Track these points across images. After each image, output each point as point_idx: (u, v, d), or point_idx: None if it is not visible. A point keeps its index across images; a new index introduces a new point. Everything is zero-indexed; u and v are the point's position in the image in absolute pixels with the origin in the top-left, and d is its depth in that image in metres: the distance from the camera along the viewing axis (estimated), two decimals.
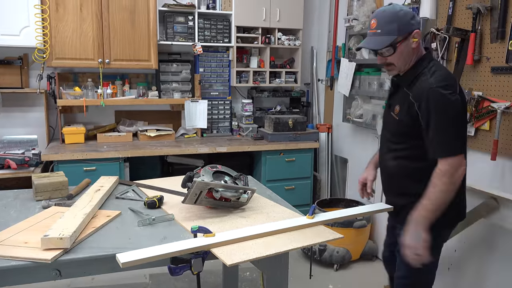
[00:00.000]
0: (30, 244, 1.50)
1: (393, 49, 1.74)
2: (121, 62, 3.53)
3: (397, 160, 1.90)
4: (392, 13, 1.73)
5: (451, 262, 2.86)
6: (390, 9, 1.75)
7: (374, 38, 1.75)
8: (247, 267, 3.20)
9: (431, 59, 1.81)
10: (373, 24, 1.75)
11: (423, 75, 1.75)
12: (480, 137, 2.51)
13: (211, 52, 3.98)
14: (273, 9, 3.95)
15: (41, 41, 3.24)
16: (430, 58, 1.82)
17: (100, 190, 2.05)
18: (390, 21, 1.71)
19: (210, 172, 1.91)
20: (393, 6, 1.77)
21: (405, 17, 1.72)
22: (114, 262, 1.37)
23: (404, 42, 1.73)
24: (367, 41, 1.79)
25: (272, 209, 1.92)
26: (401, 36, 1.73)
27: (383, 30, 1.72)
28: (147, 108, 3.98)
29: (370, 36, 1.78)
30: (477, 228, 2.59)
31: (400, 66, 1.81)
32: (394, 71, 1.84)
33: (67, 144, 3.50)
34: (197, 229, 1.51)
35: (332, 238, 1.62)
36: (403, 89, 1.83)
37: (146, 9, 3.53)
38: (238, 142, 3.77)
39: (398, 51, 1.75)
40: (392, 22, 1.71)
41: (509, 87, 2.32)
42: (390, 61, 1.79)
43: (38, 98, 3.60)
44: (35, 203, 1.98)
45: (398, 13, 1.72)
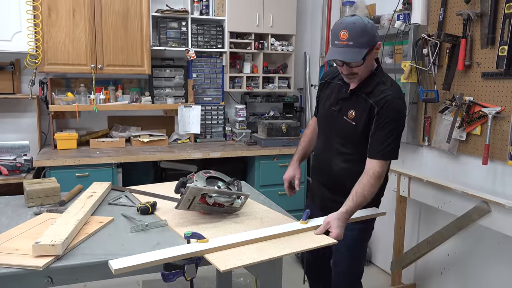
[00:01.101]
0: (22, 251, 1.48)
1: (363, 61, 1.79)
2: (114, 67, 3.53)
3: (347, 163, 1.96)
4: (362, 26, 1.75)
5: (443, 266, 2.87)
6: (359, 21, 1.76)
7: (347, 50, 1.75)
8: (241, 273, 3.19)
9: (382, 70, 1.93)
10: (343, 36, 1.75)
11: (383, 85, 1.86)
12: (472, 141, 2.53)
13: (204, 58, 3.99)
14: (266, 14, 3.97)
15: (33, 47, 3.22)
16: (381, 69, 1.93)
17: (93, 196, 2.03)
18: (361, 34, 1.74)
19: (204, 178, 1.90)
20: (360, 18, 1.79)
21: (372, 30, 1.78)
22: (106, 268, 1.36)
23: (370, 53, 1.80)
24: (341, 53, 1.77)
25: (266, 215, 1.92)
26: (369, 48, 1.78)
27: (355, 43, 1.74)
28: (140, 113, 3.97)
29: (341, 48, 1.76)
30: (469, 232, 2.61)
31: (362, 76, 1.87)
32: (355, 79, 1.88)
33: (59, 150, 3.48)
34: (191, 235, 1.51)
35: (326, 243, 1.62)
36: (362, 96, 1.88)
37: (139, 14, 3.53)
38: (232, 148, 3.77)
39: (365, 62, 1.81)
40: (363, 35, 1.75)
41: (500, 92, 2.35)
42: (356, 71, 1.84)
43: (30, 103, 3.58)
44: (27, 210, 1.96)
45: (367, 26, 1.76)
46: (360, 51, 1.75)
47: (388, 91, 1.83)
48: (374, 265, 3.55)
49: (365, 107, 1.86)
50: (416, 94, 2.86)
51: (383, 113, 1.80)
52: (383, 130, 1.80)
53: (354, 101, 1.91)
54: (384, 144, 1.80)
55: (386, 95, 1.81)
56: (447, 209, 2.60)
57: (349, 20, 1.77)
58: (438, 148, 2.77)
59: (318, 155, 2.13)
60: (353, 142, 1.93)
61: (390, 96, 1.81)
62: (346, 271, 2.10)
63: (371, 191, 1.80)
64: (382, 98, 1.81)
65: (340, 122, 1.94)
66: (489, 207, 2.31)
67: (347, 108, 1.92)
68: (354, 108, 1.90)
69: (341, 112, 1.94)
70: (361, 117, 1.87)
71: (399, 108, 1.82)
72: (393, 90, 1.85)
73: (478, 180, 2.53)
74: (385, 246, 3.39)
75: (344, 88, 1.97)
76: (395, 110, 1.81)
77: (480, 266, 2.59)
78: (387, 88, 1.85)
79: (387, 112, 1.79)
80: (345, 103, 1.94)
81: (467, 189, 2.46)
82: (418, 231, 3.07)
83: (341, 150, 1.96)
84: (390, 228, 3.20)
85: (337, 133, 1.98)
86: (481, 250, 2.58)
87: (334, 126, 1.99)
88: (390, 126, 1.80)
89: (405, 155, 3.13)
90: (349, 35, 1.74)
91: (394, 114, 1.80)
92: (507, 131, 2.28)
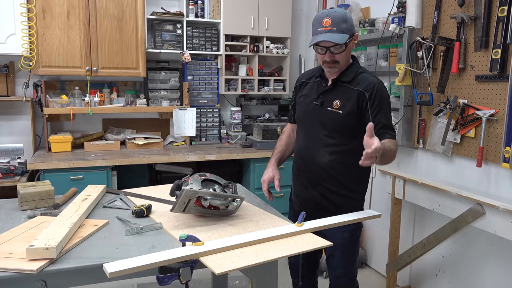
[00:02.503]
0: (15, 254, 1.47)
1: (345, 47, 1.87)
2: (108, 70, 3.52)
3: (334, 155, 1.98)
4: (342, 14, 1.86)
5: (438, 268, 2.88)
6: (339, 10, 1.88)
7: (331, 34, 1.83)
8: (237, 276, 3.18)
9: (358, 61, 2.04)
10: (326, 22, 1.83)
11: (364, 73, 1.98)
12: (466, 144, 2.54)
13: (200, 60, 3.99)
14: (261, 17, 3.98)
15: (27, 49, 3.21)
16: (357, 61, 2.04)
17: (87, 199, 2.02)
18: (342, 20, 1.84)
19: (199, 180, 1.90)
20: (339, 8, 1.91)
21: (351, 20, 1.89)
22: (101, 272, 1.36)
23: (350, 42, 1.90)
24: (327, 36, 1.83)
25: (261, 217, 1.92)
26: (350, 36, 1.87)
27: (338, 28, 1.83)
28: (135, 116, 3.96)
29: (325, 33, 1.84)
30: (463, 234, 2.62)
31: (342, 65, 1.95)
32: (336, 68, 1.95)
33: (53, 152, 3.46)
34: (186, 237, 1.50)
35: (321, 246, 1.62)
36: (344, 85, 1.96)
37: (134, 17, 3.53)
38: (227, 150, 3.77)
39: (347, 49, 1.90)
40: (344, 21, 1.85)
41: (493, 95, 2.37)
42: (337, 59, 1.91)
43: (24, 106, 3.56)
44: (21, 213, 1.95)
45: (346, 14, 1.87)
46: (343, 35, 1.84)
47: (371, 77, 1.95)
48: (370, 267, 3.56)
49: (351, 95, 1.93)
50: (411, 97, 2.88)
51: (375, 97, 1.90)
52: (382, 111, 1.90)
53: (337, 91, 1.98)
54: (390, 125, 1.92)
55: (372, 81, 1.92)
56: (442, 211, 2.61)
57: (329, 10, 1.88)
58: (433, 150, 2.78)
59: (301, 155, 2.11)
60: (339, 131, 1.97)
61: (377, 82, 1.93)
62: (343, 273, 2.12)
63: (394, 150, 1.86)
64: (370, 84, 1.92)
65: (325, 113, 1.98)
66: (483, 209, 2.32)
67: (331, 99, 1.98)
68: (338, 98, 1.96)
69: (325, 104, 1.99)
70: (347, 105, 1.93)
71: (384, 91, 1.95)
72: (375, 76, 1.98)
73: (472, 182, 2.54)
74: (380, 248, 3.40)
75: (323, 82, 2.03)
76: (385, 93, 1.95)
77: (474, 268, 2.60)
78: (369, 75, 1.97)
79: (380, 95, 1.90)
80: (328, 95, 1.99)
81: (461, 191, 2.48)
82: (413, 234, 3.08)
83: (328, 142, 1.98)
84: (385, 231, 3.21)
85: (322, 125, 2.00)
86: (476, 252, 2.59)
87: (318, 119, 2.01)
88: (386, 109, 1.92)
89: (400, 158, 3.14)
90: (332, 21, 1.83)
91: (386, 97, 1.94)
92: (500, 134, 2.30)
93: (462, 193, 2.46)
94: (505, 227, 2.21)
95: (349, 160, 1.92)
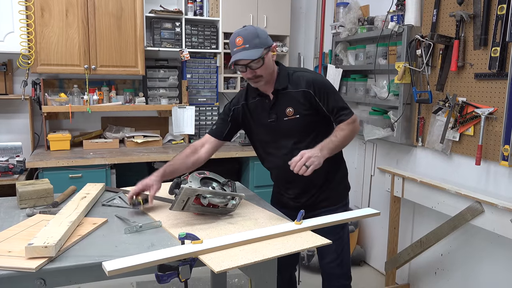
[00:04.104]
0: (14, 253, 1.47)
1: (262, 61, 1.90)
2: (107, 68, 3.51)
3: None
4: (253, 30, 1.91)
5: (437, 266, 2.89)
6: (250, 27, 1.93)
7: (244, 52, 1.88)
8: (236, 274, 3.19)
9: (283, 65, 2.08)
10: (239, 41, 1.89)
11: (296, 72, 2.03)
12: (465, 142, 2.55)
13: (199, 58, 3.98)
14: (260, 15, 3.97)
15: (25, 47, 3.20)
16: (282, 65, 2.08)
17: (86, 197, 2.02)
18: (254, 36, 1.89)
19: (198, 179, 1.90)
20: (250, 25, 1.97)
21: (263, 33, 1.93)
22: (100, 270, 1.35)
23: (267, 54, 1.93)
24: (241, 55, 1.88)
25: (260, 215, 1.92)
26: (265, 49, 1.90)
27: (250, 45, 1.87)
28: (134, 114, 3.95)
29: (240, 52, 1.89)
30: (462, 232, 2.63)
31: (266, 77, 1.95)
32: (261, 82, 1.96)
33: (52, 151, 3.46)
34: (185, 236, 1.50)
35: (320, 244, 1.62)
36: (285, 92, 1.99)
37: (133, 15, 3.52)
38: (226, 148, 3.77)
39: (265, 62, 1.92)
40: (256, 37, 1.89)
41: (492, 93, 2.37)
42: (260, 73, 1.92)
43: (22, 104, 3.55)
44: (19, 211, 1.95)
45: (257, 30, 1.92)
46: (257, 50, 1.87)
47: (304, 74, 2.01)
48: (368, 265, 3.56)
49: (298, 96, 1.97)
50: (410, 95, 2.88)
51: (319, 89, 1.96)
52: (332, 99, 1.97)
53: (283, 100, 2.00)
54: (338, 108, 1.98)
55: (307, 77, 1.98)
56: (441, 209, 2.61)
57: (240, 29, 1.94)
58: (432, 148, 2.79)
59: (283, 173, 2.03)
60: (305, 132, 2.00)
61: (311, 75, 2.00)
62: (340, 275, 2.16)
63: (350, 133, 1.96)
64: (307, 80, 1.97)
65: (284, 125, 2.00)
66: (482, 207, 2.33)
67: (282, 109, 2.00)
68: (289, 105, 1.98)
69: (279, 117, 2.00)
70: (299, 107, 1.97)
71: (322, 80, 2.02)
72: (306, 70, 2.07)
73: (471, 180, 2.54)
74: (379, 246, 3.40)
75: (265, 99, 2.04)
76: (324, 81, 2.03)
77: (473, 266, 2.61)
78: (301, 72, 2.03)
79: (321, 86, 1.97)
80: (276, 107, 2.01)
81: (460, 189, 2.48)
82: (411, 232, 3.08)
83: (300, 147, 1.95)
84: (384, 229, 3.21)
85: (287, 136, 2.01)
86: (474, 250, 2.59)
87: (281, 134, 2.03)
88: (332, 93, 1.99)
89: (399, 156, 3.14)
90: (244, 39, 1.88)
91: (327, 84, 2.01)
92: (499, 132, 2.30)
93: (461, 191, 2.46)
94: (503, 225, 2.22)
95: None
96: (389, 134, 3.01)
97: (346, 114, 1.98)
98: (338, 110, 1.98)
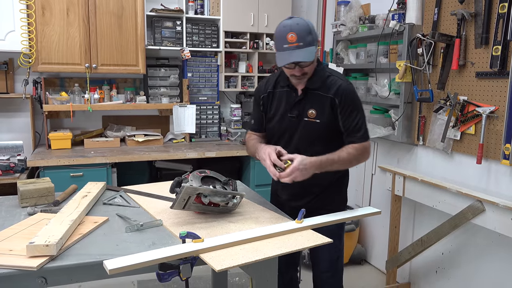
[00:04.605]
0: (15, 251, 1.47)
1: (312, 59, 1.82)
2: (108, 67, 3.51)
3: None
4: (305, 25, 1.77)
5: (438, 265, 2.89)
6: (301, 21, 1.78)
7: (299, 51, 1.76)
8: (237, 272, 3.19)
9: (321, 63, 1.98)
10: (292, 38, 1.75)
11: (331, 76, 1.93)
12: (466, 141, 2.54)
13: (199, 57, 3.98)
14: (261, 14, 3.97)
15: (26, 46, 3.20)
16: (321, 62, 1.97)
17: (87, 196, 2.02)
18: (307, 33, 1.76)
19: (199, 177, 1.90)
20: (299, 18, 1.81)
21: (314, 28, 1.82)
22: (101, 269, 1.36)
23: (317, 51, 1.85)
24: (298, 56, 1.76)
25: (261, 214, 1.92)
26: (316, 45, 1.81)
27: (304, 43, 1.76)
28: (135, 113, 3.95)
29: (292, 50, 1.76)
30: (463, 231, 2.63)
31: (310, 74, 1.89)
32: (305, 79, 1.89)
33: (53, 149, 3.46)
34: (186, 234, 1.50)
35: (321, 243, 1.62)
36: (315, 93, 1.91)
37: (134, 13, 3.52)
38: (227, 147, 3.77)
39: (314, 60, 1.85)
40: (309, 33, 1.77)
41: (494, 92, 2.36)
42: (306, 71, 1.84)
43: (23, 103, 3.55)
44: (21, 210, 1.95)
45: (308, 24, 1.79)
46: (310, 49, 1.78)
47: (339, 80, 1.90)
48: (369, 264, 3.56)
49: (325, 101, 1.89)
50: (411, 94, 2.87)
51: (345, 102, 1.87)
52: (352, 116, 1.88)
53: (310, 99, 1.92)
54: (361, 130, 1.89)
55: (340, 85, 1.89)
56: (442, 208, 2.61)
57: (291, 22, 1.77)
58: (433, 147, 2.78)
59: None
60: (320, 139, 1.93)
61: (344, 85, 1.89)
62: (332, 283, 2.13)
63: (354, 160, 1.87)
64: (338, 88, 1.88)
65: (303, 125, 1.94)
66: (483, 206, 2.33)
67: (305, 109, 1.93)
68: (313, 107, 1.91)
69: (300, 115, 1.94)
70: (323, 112, 1.90)
71: (355, 93, 1.93)
72: (342, 78, 1.93)
73: (472, 179, 2.54)
74: (380, 245, 3.40)
75: (293, 92, 1.96)
76: (354, 96, 1.91)
77: (474, 265, 2.61)
78: (336, 78, 1.92)
79: (348, 100, 1.88)
80: (301, 105, 1.94)
81: (461, 188, 2.48)
82: (412, 230, 3.08)
83: (311, 152, 1.90)
84: (385, 227, 3.21)
85: (302, 137, 1.95)
86: (475, 249, 2.59)
87: (297, 132, 1.96)
88: (356, 111, 1.89)
89: (399, 155, 3.14)
90: (297, 36, 1.74)
91: (355, 100, 1.90)
92: (500, 131, 2.30)
93: (462, 190, 2.46)
94: (504, 224, 2.22)
95: None
96: (390, 133, 3.01)
97: (358, 138, 1.89)
98: (352, 130, 1.89)
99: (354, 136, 1.89)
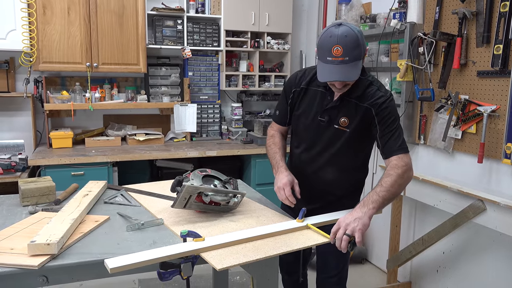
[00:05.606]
0: (17, 250, 1.47)
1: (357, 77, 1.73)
2: (109, 66, 3.51)
3: (341, 173, 1.92)
4: (355, 38, 1.64)
5: (439, 264, 2.88)
6: (350, 33, 1.64)
7: (344, 66, 1.65)
8: (237, 271, 3.19)
9: (365, 70, 1.84)
10: (337, 52, 1.62)
11: (372, 86, 1.81)
12: (467, 140, 2.54)
13: (200, 56, 3.98)
14: (262, 13, 3.96)
15: (27, 45, 3.20)
16: (365, 69, 1.84)
17: (88, 195, 2.02)
18: (355, 46, 1.64)
19: (200, 176, 1.90)
20: (349, 28, 1.65)
21: (362, 39, 1.68)
22: (102, 267, 1.36)
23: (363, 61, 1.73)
24: (340, 72, 1.66)
25: (262, 213, 1.92)
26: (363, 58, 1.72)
27: (350, 57, 1.64)
28: (136, 112, 3.96)
29: (337, 64, 1.64)
30: (464, 230, 2.63)
31: (351, 84, 1.79)
32: (346, 89, 1.79)
33: (54, 148, 3.46)
34: (187, 233, 1.50)
35: (322, 242, 1.62)
36: (352, 101, 1.81)
37: (135, 12, 3.52)
38: (228, 146, 3.77)
39: None
40: (357, 47, 1.65)
41: (495, 91, 2.36)
42: (349, 82, 1.76)
43: (25, 102, 3.56)
44: (22, 209, 1.95)
45: (357, 36, 1.65)
46: (356, 64, 1.67)
47: (379, 92, 1.80)
48: (370, 263, 3.56)
49: (358, 111, 1.80)
50: (412, 93, 2.87)
51: (383, 113, 1.77)
52: (391, 128, 1.77)
53: (344, 107, 1.82)
54: (399, 139, 1.77)
55: (380, 96, 1.78)
56: (443, 207, 2.61)
57: (339, 32, 1.63)
58: (434, 146, 2.78)
59: (301, 170, 1.98)
60: (346, 147, 1.87)
61: (384, 96, 1.79)
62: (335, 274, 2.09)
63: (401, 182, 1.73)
64: (377, 99, 1.78)
65: (331, 131, 1.86)
66: (484, 205, 2.32)
67: (338, 116, 1.83)
68: (346, 115, 1.82)
69: (331, 121, 1.85)
70: (353, 122, 1.82)
71: (394, 105, 1.82)
72: (382, 89, 1.82)
73: (474, 178, 2.54)
74: (381, 244, 3.40)
75: (328, 95, 1.85)
76: (393, 108, 1.80)
77: (475, 264, 2.61)
78: (377, 88, 1.81)
79: (387, 111, 1.77)
80: (334, 111, 1.84)
81: (462, 187, 2.48)
82: (413, 229, 3.08)
83: (334, 160, 1.89)
84: (386, 227, 3.21)
85: (327, 142, 1.89)
86: (476, 248, 2.59)
87: (323, 137, 1.89)
88: (394, 123, 1.78)
89: None
90: (344, 51, 1.62)
91: (394, 112, 1.79)
92: (502, 130, 2.29)
93: (463, 189, 2.46)
94: (506, 223, 2.21)
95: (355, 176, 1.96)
96: None
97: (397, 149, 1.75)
98: (390, 140, 1.76)
99: (391, 148, 1.77)
